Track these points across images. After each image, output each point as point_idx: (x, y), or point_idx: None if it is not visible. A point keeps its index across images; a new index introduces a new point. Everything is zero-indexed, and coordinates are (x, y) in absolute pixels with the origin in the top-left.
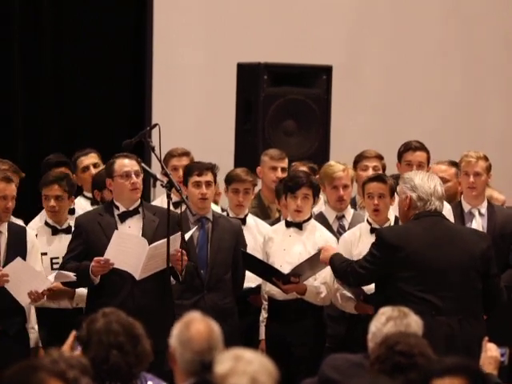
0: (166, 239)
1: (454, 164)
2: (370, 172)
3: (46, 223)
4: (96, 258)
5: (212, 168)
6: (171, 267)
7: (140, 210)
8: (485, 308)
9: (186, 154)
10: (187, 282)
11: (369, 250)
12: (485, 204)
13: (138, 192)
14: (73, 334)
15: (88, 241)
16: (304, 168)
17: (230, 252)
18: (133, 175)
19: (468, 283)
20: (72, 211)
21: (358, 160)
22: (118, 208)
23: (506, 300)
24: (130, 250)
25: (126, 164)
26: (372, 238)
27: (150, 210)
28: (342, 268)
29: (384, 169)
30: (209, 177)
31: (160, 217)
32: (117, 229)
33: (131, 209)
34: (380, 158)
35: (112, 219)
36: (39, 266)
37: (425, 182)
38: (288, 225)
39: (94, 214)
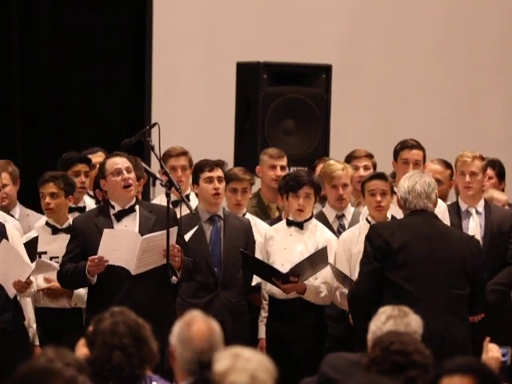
0: (159, 232)
1: (448, 166)
2: (361, 171)
3: (47, 223)
4: (90, 258)
5: (221, 165)
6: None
7: (136, 208)
8: (470, 311)
9: (184, 153)
10: (199, 281)
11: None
12: (482, 203)
13: (131, 189)
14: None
15: (85, 242)
16: None
17: None
18: (124, 171)
19: (455, 283)
20: (82, 210)
21: (349, 160)
22: (113, 207)
23: (487, 304)
24: (122, 245)
25: (116, 162)
26: None
27: (146, 207)
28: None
29: (374, 167)
30: (220, 172)
31: (156, 214)
32: (113, 228)
33: (127, 207)
34: (370, 156)
35: (108, 219)
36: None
37: (405, 181)
38: (289, 224)
39: (90, 216)
